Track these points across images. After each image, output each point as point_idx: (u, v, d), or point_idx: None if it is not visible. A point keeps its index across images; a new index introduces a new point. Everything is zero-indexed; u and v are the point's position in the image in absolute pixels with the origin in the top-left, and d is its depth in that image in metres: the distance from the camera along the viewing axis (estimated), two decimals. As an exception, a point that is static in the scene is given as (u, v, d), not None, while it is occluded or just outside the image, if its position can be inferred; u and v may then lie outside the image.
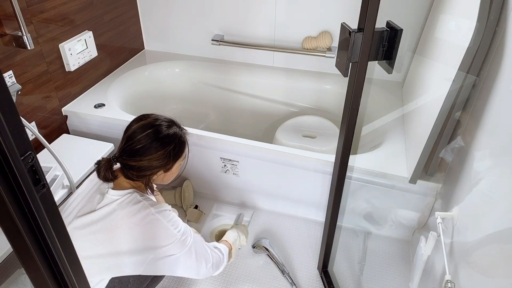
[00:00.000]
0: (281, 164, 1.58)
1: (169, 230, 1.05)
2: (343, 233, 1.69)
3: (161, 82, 2.21)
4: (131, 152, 1.05)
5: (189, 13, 2.13)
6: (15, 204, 0.46)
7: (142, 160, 1.04)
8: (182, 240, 1.07)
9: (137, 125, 1.08)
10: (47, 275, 0.53)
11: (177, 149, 1.10)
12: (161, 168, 1.09)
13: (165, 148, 1.06)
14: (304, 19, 1.98)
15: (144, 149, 1.04)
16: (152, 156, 1.05)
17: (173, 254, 1.06)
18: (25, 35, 1.36)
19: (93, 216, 1.04)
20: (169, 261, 1.07)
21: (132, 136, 1.06)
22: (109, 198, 1.05)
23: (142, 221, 1.03)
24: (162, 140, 1.06)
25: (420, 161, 1.29)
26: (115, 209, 1.04)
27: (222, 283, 1.47)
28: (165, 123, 1.10)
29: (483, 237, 0.90)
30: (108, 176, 1.07)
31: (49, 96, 1.65)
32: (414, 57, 1.87)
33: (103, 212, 1.04)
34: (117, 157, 1.07)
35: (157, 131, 1.06)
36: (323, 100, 2.12)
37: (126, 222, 1.03)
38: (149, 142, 1.05)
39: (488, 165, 0.96)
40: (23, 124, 0.44)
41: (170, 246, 1.05)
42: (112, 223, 1.03)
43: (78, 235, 1.04)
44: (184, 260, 1.09)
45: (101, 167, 1.08)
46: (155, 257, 1.05)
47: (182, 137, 1.13)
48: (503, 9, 0.99)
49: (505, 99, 0.91)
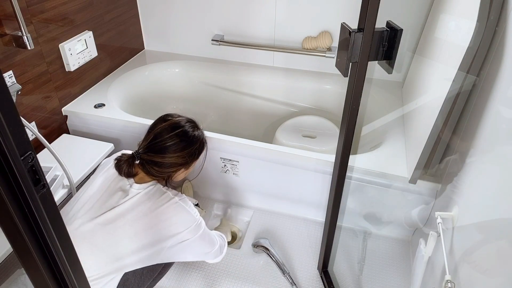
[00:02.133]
0: (281, 164, 1.58)
1: (190, 215, 1.13)
2: (343, 233, 1.69)
3: (161, 82, 2.21)
4: (158, 149, 1.12)
5: (189, 13, 2.13)
6: (15, 204, 0.46)
7: (170, 157, 1.12)
8: (198, 224, 1.14)
9: (165, 124, 1.16)
10: (47, 275, 0.53)
11: (200, 148, 1.21)
12: (184, 166, 1.18)
13: (191, 147, 1.16)
14: (304, 19, 1.98)
15: (172, 147, 1.12)
16: (179, 154, 1.14)
17: (189, 238, 1.12)
18: (25, 35, 1.36)
19: (119, 209, 1.08)
20: (185, 245, 1.12)
21: (160, 134, 1.13)
22: (133, 192, 1.11)
23: (168, 209, 1.10)
24: (190, 140, 1.16)
25: (420, 161, 1.29)
26: (142, 201, 1.09)
27: (222, 283, 1.47)
28: (189, 124, 1.19)
29: (483, 237, 0.90)
30: (131, 171, 1.13)
31: (49, 96, 1.65)
32: (414, 57, 1.87)
33: (128, 204, 1.09)
34: (140, 153, 1.13)
35: (185, 132, 1.16)
36: (323, 100, 2.12)
37: (154, 212, 1.08)
38: (178, 141, 1.13)
39: (488, 165, 0.96)
40: (23, 124, 0.44)
41: (189, 230, 1.11)
42: (139, 214, 1.08)
43: (105, 230, 1.07)
44: (198, 243, 1.15)
45: (123, 163, 1.13)
46: (173, 243, 1.10)
47: (204, 138, 1.24)
48: (503, 9, 0.99)
49: (505, 99, 0.91)
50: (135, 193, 1.10)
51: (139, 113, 1.87)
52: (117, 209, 1.08)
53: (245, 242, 1.63)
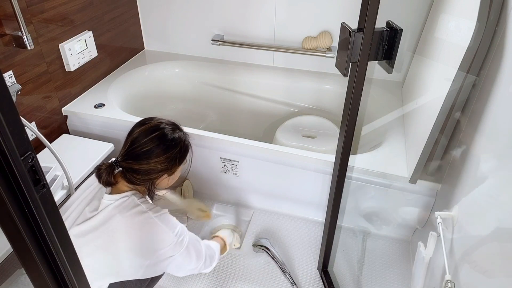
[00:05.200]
0: (281, 164, 1.58)
1: (168, 233, 1.05)
2: (343, 233, 1.69)
3: (161, 82, 2.21)
4: (136, 155, 1.04)
5: (189, 13, 2.13)
6: (15, 204, 0.46)
7: (148, 163, 1.05)
8: (179, 242, 1.07)
9: (141, 128, 1.08)
10: (47, 275, 0.53)
11: (182, 152, 1.12)
12: (166, 172, 1.10)
13: (170, 151, 1.07)
14: (304, 19, 1.98)
15: (150, 152, 1.04)
16: (158, 159, 1.05)
17: (171, 255, 1.07)
18: (25, 35, 1.36)
19: (91, 222, 1.03)
20: (167, 262, 1.07)
21: (137, 139, 1.06)
22: (104, 203, 1.04)
23: (141, 226, 1.03)
24: (169, 143, 1.07)
25: (420, 161, 1.29)
26: (113, 214, 1.02)
27: (222, 283, 1.47)
28: (169, 127, 1.11)
29: (483, 237, 0.90)
30: (110, 180, 1.06)
31: (49, 96, 1.65)
32: (414, 57, 1.87)
33: (99, 218, 1.03)
34: (119, 161, 1.06)
35: (163, 134, 1.07)
36: (323, 100, 2.12)
37: (125, 227, 1.02)
38: (155, 145, 1.05)
39: (488, 165, 0.96)
40: (23, 124, 0.44)
41: (168, 248, 1.05)
42: (110, 228, 1.02)
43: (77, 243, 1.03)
44: (181, 259, 1.09)
45: (102, 172, 1.06)
46: (153, 261, 1.05)
47: (186, 140, 1.14)
48: (503, 9, 0.99)
49: (505, 99, 0.91)
50: (105, 204, 1.03)
51: (139, 113, 1.87)
52: (89, 222, 1.03)
53: (245, 242, 1.63)
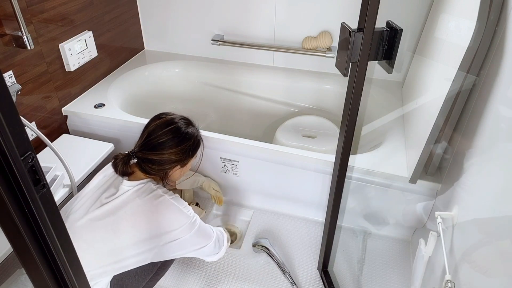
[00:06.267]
0: (281, 164, 1.58)
1: (183, 213, 1.12)
2: (343, 233, 1.69)
3: (161, 82, 2.21)
4: (152, 146, 1.12)
5: (189, 13, 2.13)
6: (15, 204, 0.46)
7: (163, 154, 1.13)
8: (192, 222, 1.13)
9: (158, 121, 1.16)
10: (47, 275, 0.53)
11: (194, 145, 1.21)
12: (179, 163, 1.17)
13: (184, 144, 1.16)
14: (304, 19, 1.98)
15: (165, 144, 1.13)
16: (173, 150, 1.14)
17: (183, 236, 1.12)
18: (25, 35, 1.36)
19: (108, 206, 1.08)
20: (179, 243, 1.12)
21: (154, 132, 1.14)
22: (123, 188, 1.11)
23: (158, 207, 1.09)
24: (183, 136, 1.16)
25: (420, 161, 1.29)
26: (131, 199, 1.09)
27: (222, 283, 1.47)
28: (183, 121, 1.20)
29: (483, 237, 0.90)
30: (126, 170, 1.13)
31: (49, 96, 1.65)
32: (414, 57, 1.87)
33: (118, 202, 1.09)
34: (136, 151, 1.14)
35: (178, 128, 1.16)
36: (323, 100, 2.12)
37: (143, 210, 1.08)
38: (170, 137, 1.14)
39: (488, 165, 0.96)
40: (23, 124, 0.44)
41: (182, 228, 1.11)
42: (129, 212, 1.07)
43: (95, 226, 1.07)
44: (192, 240, 1.14)
45: (119, 162, 1.13)
46: (167, 241, 1.10)
47: (198, 135, 1.24)
48: (503, 9, 0.99)
49: (505, 98, 0.91)
50: (125, 190, 1.10)
51: (139, 113, 1.87)
52: (106, 206, 1.08)
53: (245, 242, 1.63)
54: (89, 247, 1.05)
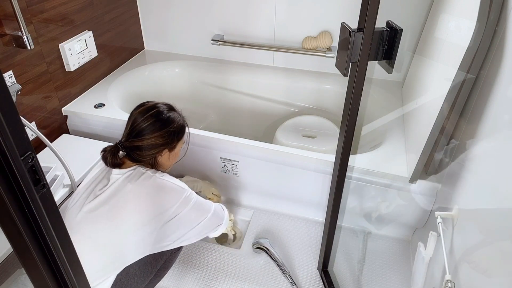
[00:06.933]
0: (281, 164, 1.58)
1: (176, 188, 1.13)
2: (343, 233, 1.69)
3: (161, 82, 2.21)
4: (137, 132, 1.13)
5: (189, 13, 2.13)
6: (15, 204, 0.46)
7: (149, 138, 1.13)
8: (187, 196, 1.15)
9: (140, 109, 1.17)
10: (47, 275, 0.53)
11: (179, 129, 1.20)
12: (166, 146, 1.17)
13: (168, 127, 1.16)
14: (304, 19, 1.98)
15: (149, 128, 1.13)
16: (157, 134, 1.14)
17: (180, 211, 1.12)
18: (25, 35, 1.36)
19: (101, 197, 1.09)
20: (177, 219, 1.12)
21: (137, 119, 1.15)
22: (113, 177, 1.12)
23: (151, 187, 1.10)
24: (165, 119, 1.16)
25: (420, 161, 1.29)
26: (123, 185, 1.09)
27: (222, 283, 1.47)
28: (164, 106, 1.21)
29: (483, 237, 0.90)
30: (116, 161, 1.14)
31: (49, 96, 1.65)
32: (414, 57, 1.87)
33: (110, 190, 1.10)
34: (123, 142, 1.15)
35: (160, 112, 1.17)
36: (323, 100, 2.12)
37: (135, 194, 1.09)
38: (153, 121, 1.14)
39: (487, 165, 0.96)
40: (23, 124, 0.44)
41: (178, 204, 1.12)
42: (122, 199, 1.08)
43: (91, 218, 1.07)
44: (190, 215, 1.15)
45: (107, 153, 1.14)
46: (165, 220, 1.10)
47: (181, 119, 1.23)
48: (503, 9, 0.99)
49: (505, 99, 0.91)
50: (115, 178, 1.11)
51: (139, 113, 1.87)
52: (99, 197, 1.09)
53: (245, 242, 1.63)
54: (87, 239, 1.05)
